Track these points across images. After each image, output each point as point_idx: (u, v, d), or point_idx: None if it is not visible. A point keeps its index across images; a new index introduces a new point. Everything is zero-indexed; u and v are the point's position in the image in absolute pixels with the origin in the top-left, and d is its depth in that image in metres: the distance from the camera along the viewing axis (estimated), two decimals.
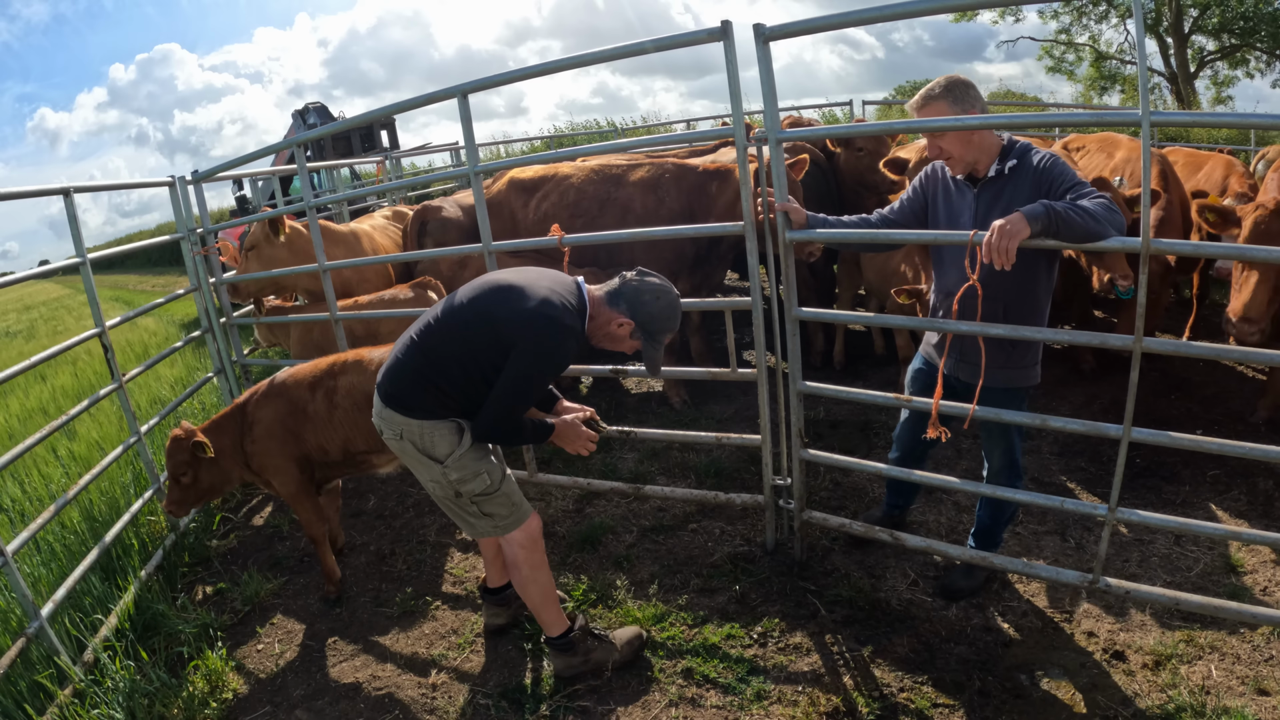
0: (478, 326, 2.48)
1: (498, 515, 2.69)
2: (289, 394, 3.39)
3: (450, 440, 2.56)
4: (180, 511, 3.45)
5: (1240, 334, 3.29)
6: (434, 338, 2.55)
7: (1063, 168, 2.59)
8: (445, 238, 5.61)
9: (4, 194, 3.32)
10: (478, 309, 2.51)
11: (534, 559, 2.76)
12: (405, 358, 2.58)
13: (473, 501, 2.64)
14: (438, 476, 2.60)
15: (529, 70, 3.32)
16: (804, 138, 4.26)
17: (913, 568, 3.31)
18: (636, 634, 2.98)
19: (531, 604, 2.83)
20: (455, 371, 2.51)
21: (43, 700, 2.92)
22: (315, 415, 3.34)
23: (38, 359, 3.41)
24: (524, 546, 2.73)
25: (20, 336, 15.88)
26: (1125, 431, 2.54)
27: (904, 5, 2.51)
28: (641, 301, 2.56)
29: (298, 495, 3.43)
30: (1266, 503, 3.49)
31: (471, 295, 2.56)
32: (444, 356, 2.51)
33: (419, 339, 2.58)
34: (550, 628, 2.85)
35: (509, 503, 2.70)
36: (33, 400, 7.81)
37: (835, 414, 4.75)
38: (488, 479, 2.62)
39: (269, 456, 3.37)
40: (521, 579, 2.77)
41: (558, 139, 16.14)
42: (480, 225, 3.62)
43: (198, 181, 4.75)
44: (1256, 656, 2.67)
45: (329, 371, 3.38)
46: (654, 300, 2.57)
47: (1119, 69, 20.86)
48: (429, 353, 2.54)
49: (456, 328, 2.52)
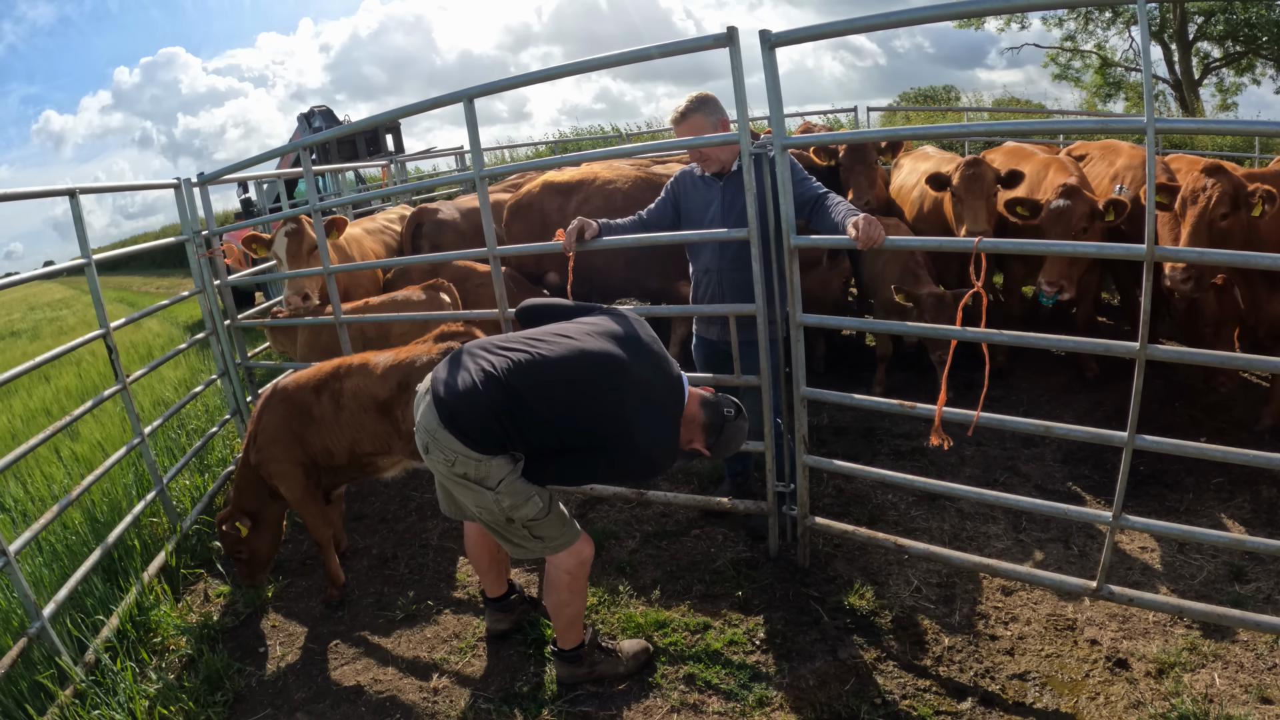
0: (580, 420, 2.40)
1: (549, 537, 2.60)
2: (293, 398, 3.38)
3: (504, 469, 2.43)
4: (254, 583, 3.58)
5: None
6: (530, 391, 2.38)
7: (796, 167, 3.16)
8: (441, 240, 5.64)
9: (10, 194, 3.33)
10: (591, 412, 2.40)
11: (576, 585, 2.70)
12: (486, 392, 2.37)
13: (524, 526, 2.54)
14: (489, 504, 2.47)
15: (535, 75, 3.33)
16: (810, 144, 4.24)
17: (915, 574, 3.30)
18: (643, 648, 2.96)
19: (558, 623, 2.79)
20: (538, 433, 2.41)
21: (44, 700, 2.92)
22: (321, 418, 3.33)
23: (42, 359, 3.42)
24: (570, 572, 2.66)
25: (25, 336, 15.93)
26: (1129, 439, 2.54)
27: (911, 12, 2.52)
28: (726, 440, 2.55)
29: (303, 500, 3.43)
30: (1270, 511, 3.48)
31: (590, 378, 2.40)
32: (534, 416, 2.38)
33: (509, 379, 2.38)
34: (565, 642, 2.84)
35: (560, 524, 2.60)
36: (36, 401, 7.84)
37: (839, 420, 4.74)
38: (539, 502, 2.50)
39: (274, 462, 3.37)
40: (558, 601, 2.72)
41: (562, 144, 16.18)
42: (485, 230, 3.62)
43: (203, 184, 4.75)
44: (1260, 664, 2.66)
45: (334, 374, 3.38)
46: (735, 439, 2.56)
47: (1124, 76, 20.86)
48: (519, 403, 2.37)
49: (560, 404, 2.39)
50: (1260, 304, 3.89)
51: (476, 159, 3.53)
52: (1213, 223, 3.52)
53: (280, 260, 4.81)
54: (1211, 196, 3.50)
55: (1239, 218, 3.53)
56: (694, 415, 2.53)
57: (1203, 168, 3.62)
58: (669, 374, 2.54)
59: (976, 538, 3.54)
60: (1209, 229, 3.53)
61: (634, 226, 3.53)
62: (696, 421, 2.53)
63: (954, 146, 9.03)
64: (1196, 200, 3.55)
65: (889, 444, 4.42)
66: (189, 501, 4.45)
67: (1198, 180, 3.58)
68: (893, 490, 3.91)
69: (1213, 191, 3.50)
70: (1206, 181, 3.54)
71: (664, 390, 2.49)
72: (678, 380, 2.55)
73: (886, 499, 3.88)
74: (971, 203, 4.30)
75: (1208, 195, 3.52)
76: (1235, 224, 3.54)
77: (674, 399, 2.50)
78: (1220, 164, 3.60)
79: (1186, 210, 3.60)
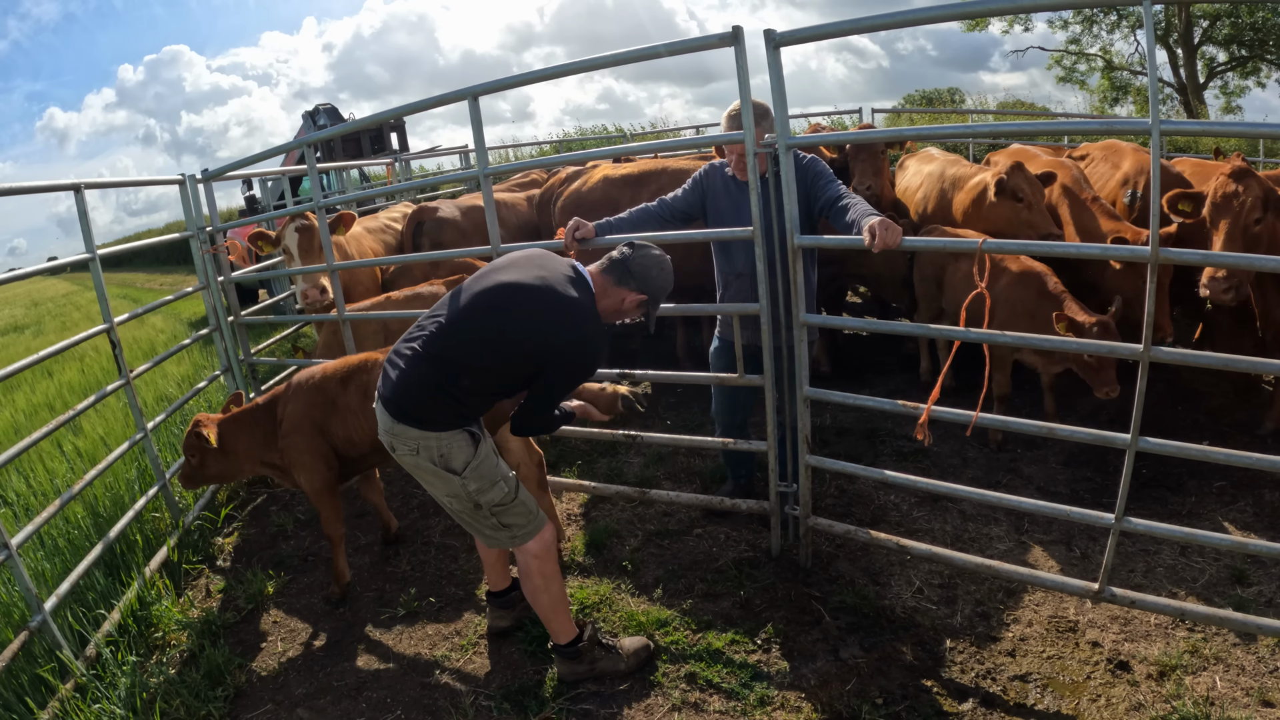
0: (503, 349, 2.48)
1: (515, 525, 2.68)
2: (318, 388, 3.43)
3: (466, 451, 2.54)
4: (186, 485, 3.62)
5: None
6: (448, 350, 2.49)
7: (821, 166, 3.19)
8: (441, 238, 5.66)
9: (16, 189, 3.34)
10: (498, 326, 2.48)
11: (546, 569, 2.75)
12: (413, 370, 2.50)
13: (491, 513, 2.63)
14: (456, 490, 2.58)
15: (542, 73, 3.33)
16: (814, 144, 4.24)
17: (917, 575, 3.30)
18: (644, 645, 2.97)
19: (542, 612, 2.82)
20: (471, 384, 2.50)
21: (44, 694, 2.93)
22: (346, 408, 3.38)
23: (45, 354, 3.42)
24: (538, 556, 2.72)
25: (28, 331, 15.95)
26: (1132, 441, 2.53)
27: (917, 12, 2.52)
28: (651, 276, 2.62)
29: (321, 492, 3.44)
30: (1273, 514, 3.47)
31: (487, 307, 2.51)
32: (460, 370, 2.48)
33: (426, 349, 2.51)
34: (559, 635, 2.85)
35: (525, 511, 2.69)
36: (39, 395, 7.84)
37: (841, 421, 4.74)
38: (505, 486, 2.62)
39: (296, 451, 3.40)
40: (533, 588, 2.77)
41: (566, 143, 16.19)
42: (489, 228, 3.63)
43: (208, 180, 4.76)
44: (1261, 668, 2.66)
45: (361, 367, 3.44)
46: (660, 272, 2.65)
47: (1130, 80, 20.81)
48: (442, 365, 2.48)
49: (475, 344, 2.48)
50: (1270, 308, 3.88)
51: (481, 157, 3.54)
52: (1247, 228, 3.45)
53: (292, 254, 4.81)
54: (1245, 202, 3.43)
55: (1268, 221, 3.48)
56: (603, 285, 2.62)
57: (1229, 171, 3.54)
58: (560, 269, 2.61)
59: (979, 539, 3.53)
60: (1244, 236, 3.45)
61: (641, 216, 3.48)
62: (609, 288, 2.62)
63: (959, 148, 9.02)
64: (1229, 206, 3.47)
65: (892, 445, 4.42)
66: (191, 497, 4.46)
67: (1226, 185, 3.50)
68: (895, 491, 3.91)
69: (1246, 197, 3.43)
70: (1237, 187, 3.46)
71: (560, 282, 2.54)
72: (571, 268, 2.63)
73: (889, 499, 3.88)
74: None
75: (1240, 201, 3.44)
76: (1265, 229, 3.49)
77: (576, 285, 2.56)
78: (1246, 167, 3.53)
79: (1219, 218, 3.51)
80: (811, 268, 3.35)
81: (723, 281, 3.57)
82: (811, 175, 3.19)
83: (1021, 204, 4.27)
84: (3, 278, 3.52)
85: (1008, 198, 4.30)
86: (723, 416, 3.74)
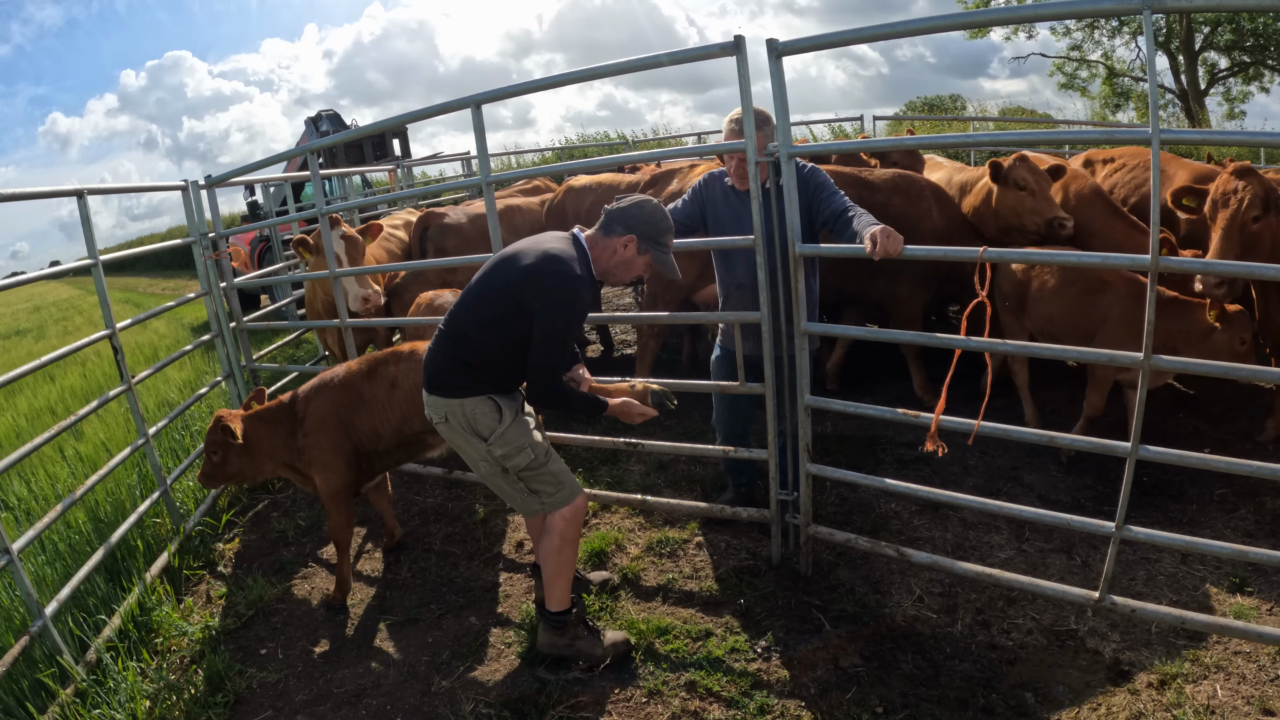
0: (494, 297, 2.70)
1: (544, 493, 2.84)
2: (344, 383, 3.47)
3: (491, 417, 2.74)
4: (207, 484, 3.59)
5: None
6: (458, 320, 2.76)
7: (823, 177, 3.22)
8: (445, 244, 5.69)
9: (20, 194, 3.35)
10: (492, 282, 2.73)
11: (569, 533, 2.86)
12: (437, 345, 2.81)
13: (519, 478, 2.81)
14: (484, 454, 2.77)
15: (545, 81, 3.35)
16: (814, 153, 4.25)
17: (918, 584, 3.29)
18: (624, 639, 3.02)
19: (547, 573, 2.91)
20: (481, 344, 2.71)
21: (44, 699, 2.93)
22: (373, 399, 3.43)
23: (47, 359, 3.44)
24: (565, 519, 2.86)
25: (30, 336, 15.99)
26: (1132, 449, 2.53)
27: (918, 22, 2.53)
28: (631, 215, 2.74)
29: (338, 494, 3.44)
30: (1274, 522, 3.47)
31: (483, 273, 2.79)
32: (469, 333, 2.72)
33: (446, 326, 2.80)
34: (552, 601, 2.93)
35: (555, 481, 2.84)
36: (41, 400, 7.86)
37: (842, 429, 4.74)
38: (531, 453, 2.79)
39: (318, 450, 3.41)
40: (549, 546, 2.87)
41: (568, 150, 16.24)
42: (491, 233, 3.64)
43: (211, 186, 4.78)
44: (1262, 676, 2.65)
45: (385, 360, 3.50)
46: (640, 209, 2.75)
47: (1131, 86, 20.85)
48: (456, 334, 2.75)
49: (474, 303, 2.74)
50: (1271, 313, 3.88)
51: (483, 165, 3.55)
52: (1244, 226, 3.45)
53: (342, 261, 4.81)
54: (1243, 199, 3.43)
55: (1268, 221, 3.48)
56: (594, 240, 2.78)
57: (1231, 169, 3.54)
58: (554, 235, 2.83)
59: (979, 547, 3.53)
60: (1240, 232, 3.45)
61: None
62: (599, 241, 2.77)
63: (961, 156, 9.04)
64: (1228, 203, 3.48)
65: (892, 453, 4.41)
66: (192, 503, 4.46)
67: (1227, 182, 3.51)
68: (896, 499, 3.90)
69: (1244, 194, 3.43)
70: (1237, 184, 3.47)
71: (548, 240, 2.77)
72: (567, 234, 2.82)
73: (889, 508, 3.88)
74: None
75: (1239, 198, 3.44)
76: (1265, 227, 3.48)
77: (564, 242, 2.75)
78: (1249, 166, 3.53)
79: (1217, 213, 3.52)
80: (813, 276, 3.36)
81: (724, 291, 3.58)
82: (814, 186, 3.20)
83: (1025, 192, 4.31)
84: (5, 282, 3.54)
85: (1010, 187, 4.36)
86: (724, 424, 3.74)
